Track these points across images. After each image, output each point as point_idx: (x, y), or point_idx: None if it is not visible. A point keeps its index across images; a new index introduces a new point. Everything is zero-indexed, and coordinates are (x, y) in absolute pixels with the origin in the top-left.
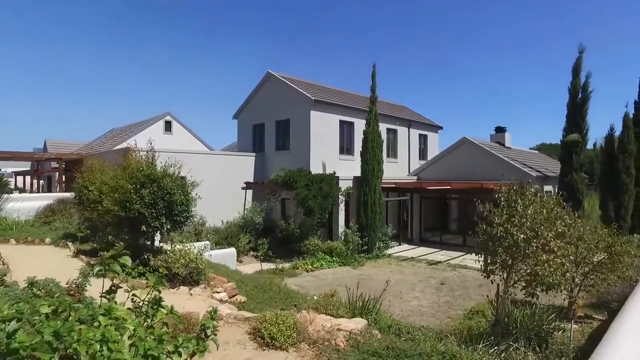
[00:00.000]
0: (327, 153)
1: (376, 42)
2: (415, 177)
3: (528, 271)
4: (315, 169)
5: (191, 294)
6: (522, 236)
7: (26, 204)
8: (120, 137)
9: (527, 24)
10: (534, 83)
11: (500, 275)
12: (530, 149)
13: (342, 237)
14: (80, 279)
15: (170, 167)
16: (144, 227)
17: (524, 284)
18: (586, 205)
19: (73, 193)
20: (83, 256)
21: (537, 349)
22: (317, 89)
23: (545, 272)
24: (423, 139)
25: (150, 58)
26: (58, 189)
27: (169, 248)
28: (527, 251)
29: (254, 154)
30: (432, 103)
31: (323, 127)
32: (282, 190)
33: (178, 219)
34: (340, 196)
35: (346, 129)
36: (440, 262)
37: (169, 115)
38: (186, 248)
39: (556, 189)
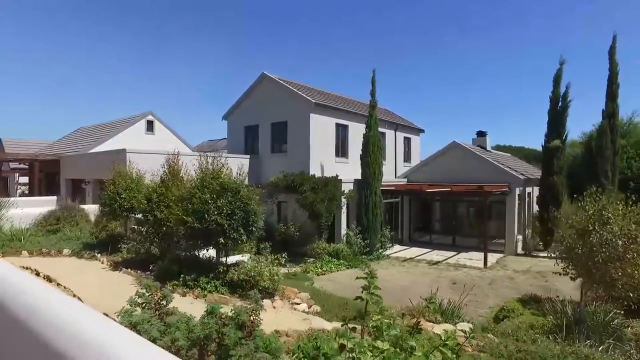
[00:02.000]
0: (325, 156)
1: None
2: (405, 180)
3: (620, 273)
4: (314, 171)
5: (274, 307)
6: (619, 242)
7: (27, 211)
8: (96, 137)
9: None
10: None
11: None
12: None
13: (345, 240)
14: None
15: (230, 173)
16: (221, 239)
17: (608, 285)
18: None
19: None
20: (126, 269)
21: (618, 343)
22: (312, 91)
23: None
24: (407, 142)
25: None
26: (36, 193)
27: (233, 260)
28: (627, 255)
29: (248, 156)
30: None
31: (321, 130)
32: (282, 193)
33: (252, 229)
34: (342, 199)
35: (341, 132)
36: (439, 262)
37: (151, 114)
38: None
39: (538, 190)
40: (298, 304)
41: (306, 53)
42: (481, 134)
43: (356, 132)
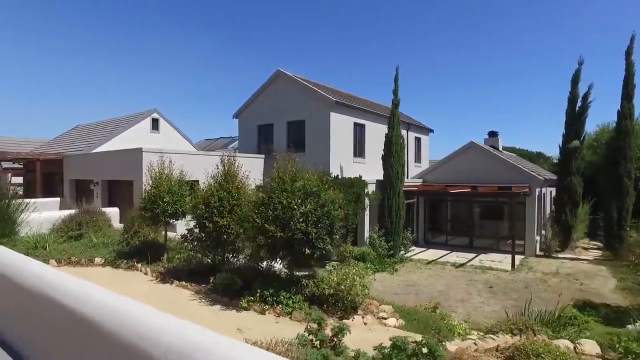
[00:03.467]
0: (344, 156)
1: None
2: (420, 180)
3: None
4: (334, 172)
5: (365, 323)
6: None
7: (45, 215)
8: (100, 136)
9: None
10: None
11: None
12: None
13: (367, 242)
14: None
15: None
16: (306, 250)
17: None
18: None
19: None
20: (177, 280)
21: None
22: (327, 89)
23: None
24: (418, 142)
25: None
26: (38, 194)
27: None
28: None
29: (263, 156)
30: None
31: (340, 130)
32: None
33: (336, 237)
34: (366, 200)
35: (359, 132)
36: (463, 264)
37: (156, 112)
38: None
39: (554, 191)
40: (385, 318)
41: (304, 51)
42: (493, 134)
43: (372, 131)
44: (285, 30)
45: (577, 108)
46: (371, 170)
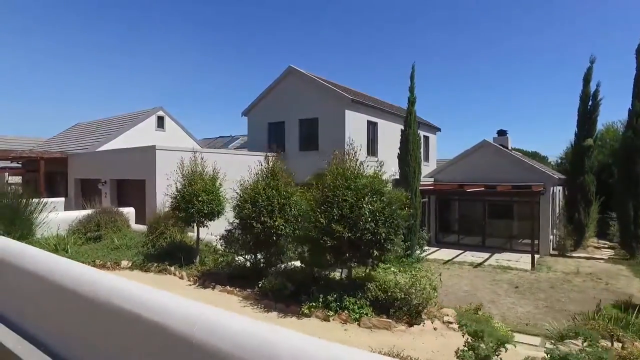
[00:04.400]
0: (357, 154)
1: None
2: (432, 179)
3: None
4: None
5: (435, 329)
6: None
7: (62, 215)
8: (104, 134)
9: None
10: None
11: None
12: None
13: None
14: None
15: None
16: (375, 252)
17: None
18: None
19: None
20: (220, 285)
21: None
22: (339, 87)
23: None
24: (426, 141)
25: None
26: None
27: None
28: None
29: (275, 155)
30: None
31: (354, 128)
32: None
33: (401, 237)
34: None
35: (371, 130)
36: (480, 264)
37: (162, 110)
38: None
39: (565, 190)
40: (451, 322)
41: (304, 52)
42: (502, 133)
43: (385, 130)
44: (284, 32)
45: (588, 106)
46: (383, 170)
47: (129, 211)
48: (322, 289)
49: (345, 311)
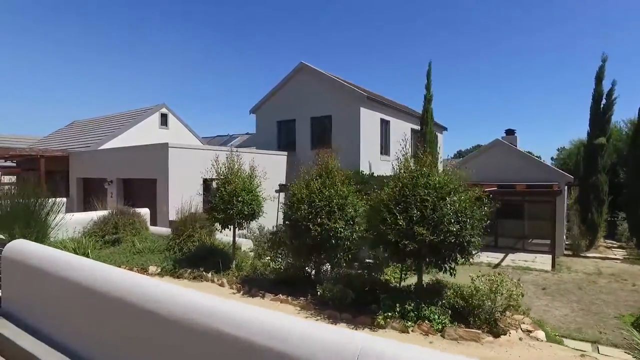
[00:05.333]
0: (372, 153)
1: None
2: None
3: None
4: (363, 170)
5: (520, 339)
6: None
7: (77, 217)
8: (106, 132)
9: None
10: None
11: None
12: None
13: None
14: None
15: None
16: (457, 255)
17: None
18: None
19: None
20: (272, 294)
21: None
22: (350, 84)
23: None
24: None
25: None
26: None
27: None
28: None
29: (286, 153)
30: None
31: (368, 126)
32: None
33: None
34: None
35: (384, 128)
36: (498, 264)
37: (165, 107)
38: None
39: (570, 190)
40: (530, 331)
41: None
42: (510, 132)
43: (397, 128)
44: (283, 32)
45: (601, 105)
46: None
47: (145, 212)
48: (395, 297)
49: (426, 321)
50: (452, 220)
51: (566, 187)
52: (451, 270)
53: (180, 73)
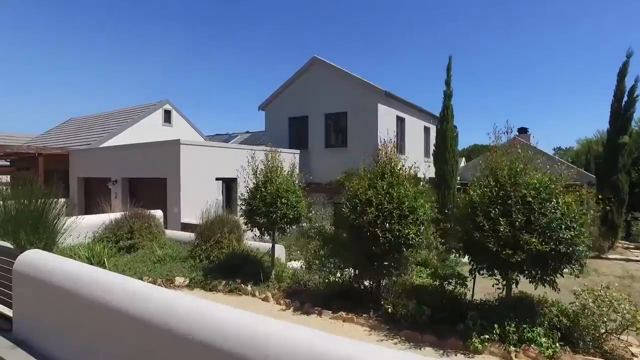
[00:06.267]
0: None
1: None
2: (457, 178)
3: None
4: None
5: None
6: None
7: (87, 220)
8: (107, 129)
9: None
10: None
11: None
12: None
13: (424, 245)
14: None
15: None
16: (565, 266)
17: None
18: None
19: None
20: (327, 310)
21: None
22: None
23: None
24: None
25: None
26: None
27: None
28: None
29: (298, 151)
30: None
31: (385, 123)
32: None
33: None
34: None
35: (399, 126)
36: None
37: (168, 103)
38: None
39: (590, 189)
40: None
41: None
42: (523, 131)
43: (411, 126)
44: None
45: (623, 103)
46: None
47: (160, 215)
48: (484, 314)
49: (532, 345)
50: (563, 226)
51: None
52: (553, 284)
53: (171, 69)
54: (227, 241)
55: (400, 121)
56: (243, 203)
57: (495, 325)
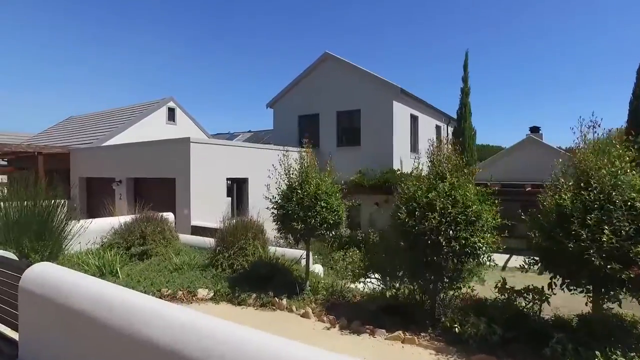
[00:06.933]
0: (402, 150)
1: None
2: None
3: None
4: (396, 168)
5: None
6: None
7: (94, 225)
8: (110, 127)
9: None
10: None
11: None
12: None
13: None
14: None
15: None
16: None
17: None
18: None
19: None
20: (381, 329)
21: None
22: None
23: None
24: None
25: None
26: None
27: None
28: None
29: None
30: None
31: (399, 121)
32: (362, 194)
33: None
34: None
35: (413, 124)
36: None
37: (172, 101)
38: None
39: None
40: None
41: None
42: (535, 130)
43: (424, 124)
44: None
45: None
46: (423, 167)
47: (171, 218)
48: (570, 338)
49: None
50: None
51: None
52: None
53: (168, 67)
54: (251, 248)
55: (414, 119)
56: (275, 206)
57: (598, 353)
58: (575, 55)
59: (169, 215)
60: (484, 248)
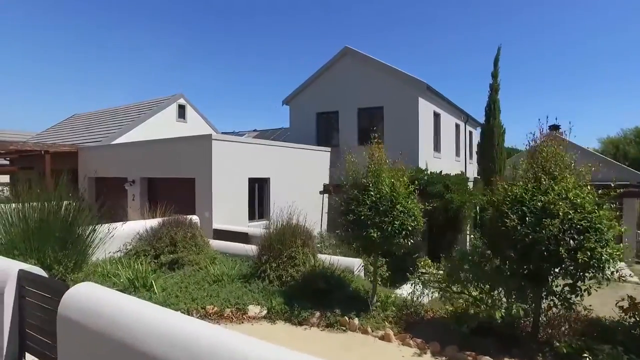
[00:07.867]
0: (427, 149)
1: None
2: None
3: None
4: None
5: None
6: None
7: (124, 229)
8: (118, 125)
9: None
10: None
11: None
12: None
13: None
14: None
15: None
16: None
17: None
18: None
19: None
20: (486, 357)
21: None
22: None
23: None
24: (470, 136)
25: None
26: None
27: None
28: None
29: (329, 149)
30: None
31: (424, 119)
32: None
33: None
34: None
35: (435, 122)
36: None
37: (183, 98)
38: None
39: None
40: None
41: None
42: (555, 128)
43: (446, 122)
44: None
45: None
46: (445, 167)
47: (196, 220)
48: None
49: None
50: None
51: None
52: None
53: (168, 66)
54: (302, 256)
55: (437, 117)
56: (345, 211)
57: None
58: (574, 54)
59: (189, 217)
60: (610, 260)
